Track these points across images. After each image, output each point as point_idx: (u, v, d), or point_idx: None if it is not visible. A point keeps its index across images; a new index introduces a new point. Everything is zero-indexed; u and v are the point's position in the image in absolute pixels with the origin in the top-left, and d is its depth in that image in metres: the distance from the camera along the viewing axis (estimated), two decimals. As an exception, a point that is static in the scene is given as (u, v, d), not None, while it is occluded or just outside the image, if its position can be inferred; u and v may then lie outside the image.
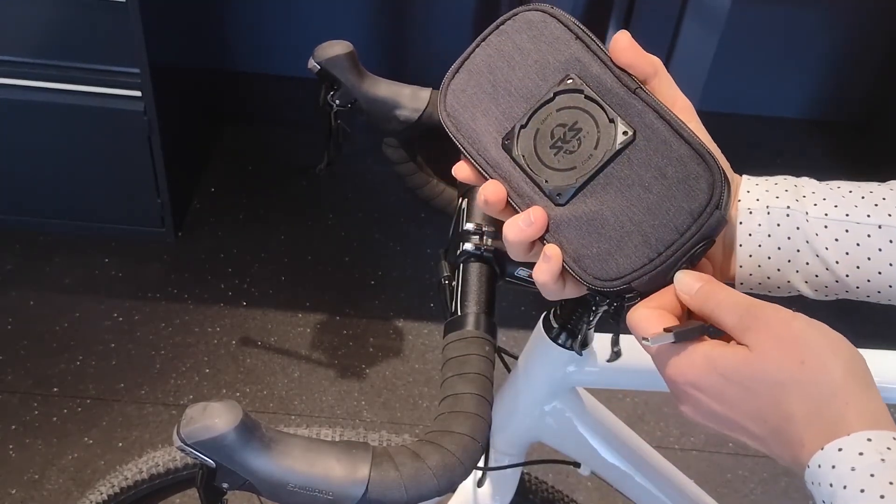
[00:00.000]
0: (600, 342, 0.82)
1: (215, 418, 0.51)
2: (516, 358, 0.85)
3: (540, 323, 0.81)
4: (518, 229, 0.53)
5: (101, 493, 1.02)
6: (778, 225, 0.54)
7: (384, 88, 0.80)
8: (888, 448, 0.42)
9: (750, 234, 0.54)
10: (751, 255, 0.55)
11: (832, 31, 2.47)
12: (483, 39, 0.58)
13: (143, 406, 1.76)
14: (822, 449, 0.43)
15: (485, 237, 0.69)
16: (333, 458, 0.53)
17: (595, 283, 0.53)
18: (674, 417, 1.87)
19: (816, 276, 0.55)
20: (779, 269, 0.55)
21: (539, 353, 0.81)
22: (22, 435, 1.69)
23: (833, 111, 2.64)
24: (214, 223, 2.17)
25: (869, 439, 0.43)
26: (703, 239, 0.51)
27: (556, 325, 0.79)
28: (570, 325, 0.78)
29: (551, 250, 0.53)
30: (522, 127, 0.54)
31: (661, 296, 0.52)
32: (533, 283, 0.71)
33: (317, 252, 2.13)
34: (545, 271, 0.53)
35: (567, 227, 0.53)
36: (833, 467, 0.43)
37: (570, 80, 0.54)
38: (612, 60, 0.53)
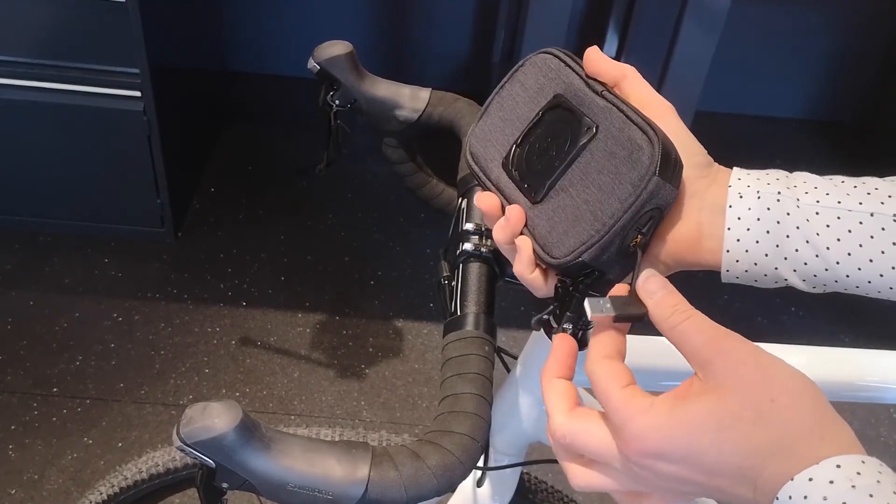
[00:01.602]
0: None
1: (215, 418, 0.51)
2: (516, 358, 0.85)
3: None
4: (500, 227, 0.58)
5: (101, 493, 1.02)
6: (768, 209, 0.54)
7: (384, 88, 0.80)
8: (858, 473, 0.41)
9: (739, 218, 0.54)
10: (738, 240, 0.54)
11: (832, 31, 2.47)
12: (500, 88, 0.63)
13: (143, 406, 1.76)
14: (791, 480, 0.42)
15: (484, 237, 0.69)
16: (333, 458, 0.53)
17: (552, 262, 0.56)
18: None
19: (806, 263, 0.54)
20: (766, 255, 0.54)
21: (539, 353, 0.81)
22: (22, 435, 1.69)
23: (832, 111, 2.64)
24: (214, 223, 2.17)
25: (838, 465, 0.41)
26: (646, 206, 0.52)
27: (555, 325, 0.79)
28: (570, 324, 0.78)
29: (521, 241, 0.57)
30: (517, 146, 0.60)
31: (614, 340, 0.51)
32: (532, 284, 0.71)
33: (317, 252, 2.13)
34: (518, 261, 0.57)
35: (539, 220, 0.57)
36: (805, 497, 0.42)
37: (555, 98, 0.59)
38: (586, 74, 0.58)
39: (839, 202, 0.53)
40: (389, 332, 1.97)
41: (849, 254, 0.52)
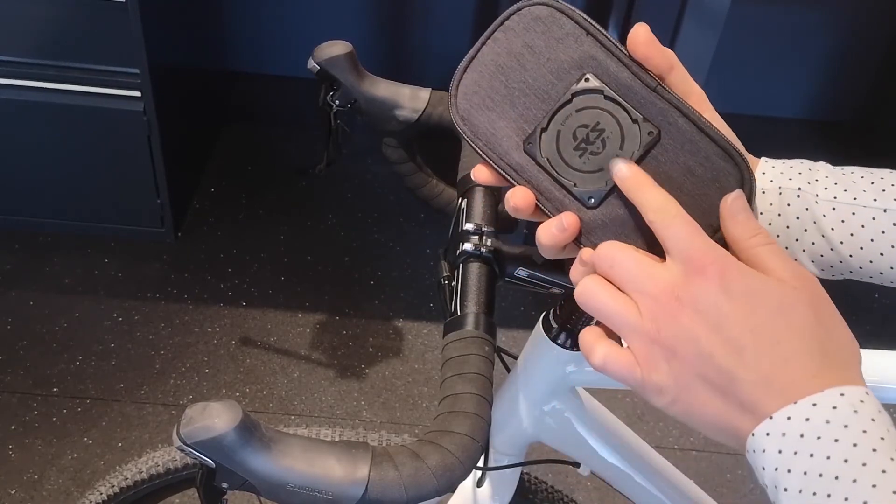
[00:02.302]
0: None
1: (215, 418, 0.51)
2: (516, 358, 0.85)
3: (539, 323, 0.81)
4: (551, 235, 0.53)
5: (101, 494, 1.02)
6: (788, 205, 0.56)
7: (384, 88, 0.80)
8: (861, 401, 0.42)
9: (761, 213, 0.57)
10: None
11: (832, 31, 2.47)
12: (489, 37, 0.56)
13: (143, 406, 1.76)
14: (794, 403, 0.42)
15: (484, 237, 0.69)
16: (333, 458, 0.53)
17: None
18: (673, 417, 1.87)
19: (822, 255, 0.56)
20: (787, 248, 0.57)
21: (539, 353, 0.81)
22: (22, 435, 1.69)
23: (832, 111, 2.64)
24: (214, 223, 2.17)
25: (842, 394, 0.42)
26: None
27: (555, 325, 0.79)
28: (570, 325, 0.78)
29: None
30: (543, 130, 0.53)
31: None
32: (532, 284, 0.71)
33: (317, 252, 2.13)
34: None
35: (600, 229, 0.52)
36: (807, 419, 0.42)
37: (588, 80, 0.52)
38: (627, 55, 0.52)
39: (855, 198, 0.55)
40: (389, 332, 1.97)
41: (861, 248, 0.55)
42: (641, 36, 0.52)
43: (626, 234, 0.51)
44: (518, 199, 0.53)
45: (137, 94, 1.82)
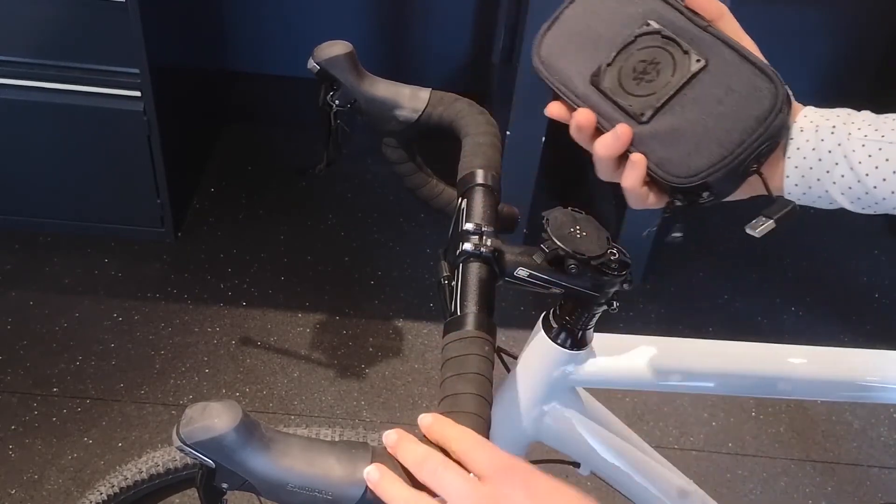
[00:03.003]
0: (600, 342, 0.82)
1: (215, 419, 0.51)
2: (516, 358, 0.85)
3: (539, 323, 0.81)
4: (607, 144, 0.63)
5: (101, 494, 1.02)
6: (822, 140, 0.62)
7: (383, 88, 0.80)
8: None
9: (798, 148, 0.63)
10: (796, 167, 0.63)
11: (832, 31, 2.47)
12: (571, 1, 0.67)
13: (143, 406, 1.76)
14: None
15: (484, 237, 0.69)
16: (333, 458, 0.53)
17: (676, 181, 0.61)
18: (673, 417, 1.87)
19: (850, 187, 0.61)
20: (818, 179, 0.62)
21: (538, 353, 0.81)
22: (22, 435, 1.69)
23: (833, 111, 2.64)
24: (214, 223, 2.17)
25: None
26: (769, 139, 0.60)
27: (555, 325, 0.79)
28: (570, 324, 0.78)
29: (636, 157, 0.62)
30: (608, 65, 0.64)
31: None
32: (532, 284, 0.71)
33: (317, 252, 2.13)
34: (631, 177, 0.63)
35: (650, 139, 0.62)
36: None
37: (649, 24, 0.63)
38: (684, 5, 0.63)
39: (883, 136, 0.61)
40: (389, 332, 1.97)
41: (884, 179, 0.60)
42: None
43: (671, 142, 0.61)
44: (581, 118, 0.64)
45: (137, 94, 1.82)
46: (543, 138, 1.86)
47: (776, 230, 0.66)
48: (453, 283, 0.68)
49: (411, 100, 0.80)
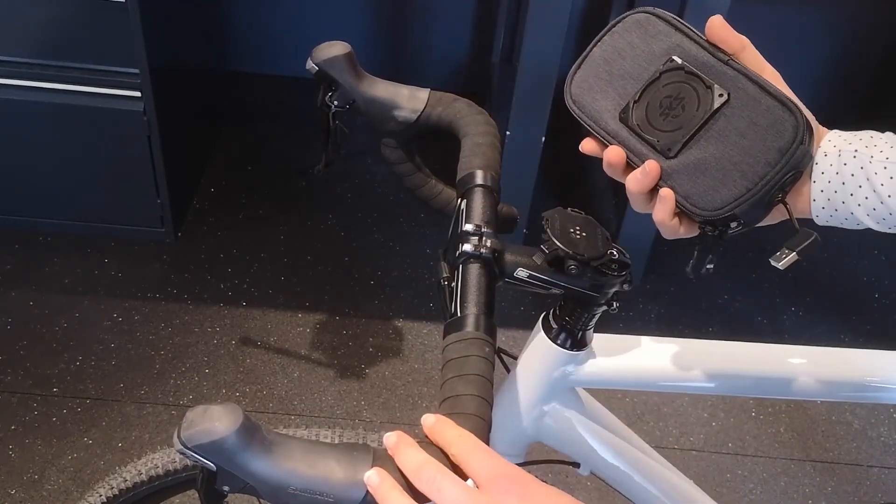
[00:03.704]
0: (600, 342, 0.82)
1: (216, 422, 0.51)
2: (515, 358, 0.85)
3: (539, 323, 0.81)
4: (637, 180, 0.66)
5: (100, 496, 1.01)
6: (845, 164, 0.64)
7: (382, 89, 0.80)
8: None
9: (822, 173, 0.64)
10: (822, 190, 0.65)
11: (832, 32, 2.47)
12: (598, 40, 0.69)
13: (143, 406, 1.76)
14: None
15: (484, 238, 0.69)
16: (334, 461, 0.53)
17: (704, 214, 0.64)
18: (673, 417, 1.87)
19: (874, 209, 0.64)
20: (843, 202, 0.64)
21: (538, 353, 0.81)
22: (22, 435, 1.69)
23: (832, 111, 2.64)
24: (214, 223, 2.17)
25: None
26: (791, 170, 0.61)
27: (555, 326, 0.79)
28: (570, 325, 0.78)
29: (665, 192, 0.65)
30: (636, 102, 0.66)
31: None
32: (532, 284, 0.71)
33: (317, 252, 2.13)
34: (661, 211, 0.65)
35: (677, 174, 0.65)
36: None
37: (673, 60, 0.65)
38: (706, 40, 0.65)
39: None
40: (389, 332, 1.97)
41: None
42: (716, 23, 0.65)
43: (698, 176, 0.64)
44: (611, 156, 0.67)
45: (137, 94, 1.82)
46: (543, 138, 1.86)
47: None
48: (453, 283, 0.68)
49: (410, 100, 0.80)
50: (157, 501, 1.04)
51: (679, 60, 0.65)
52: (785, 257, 0.63)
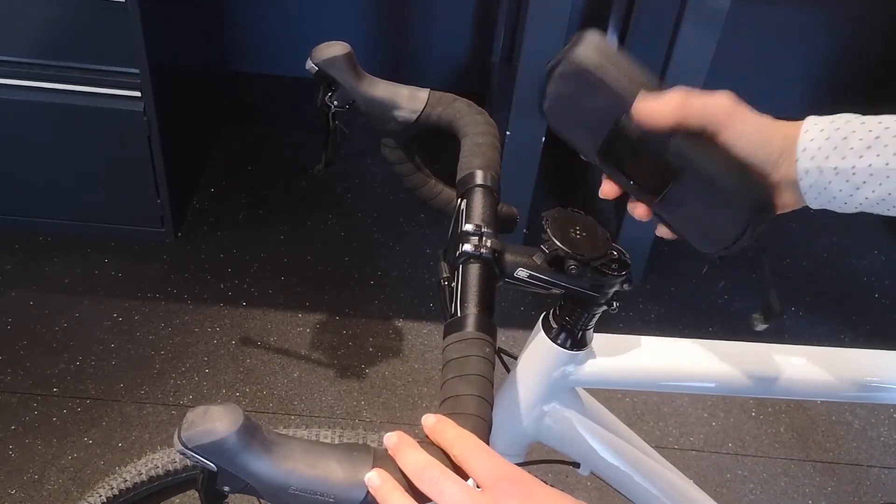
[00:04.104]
0: (600, 342, 0.82)
1: (216, 422, 0.51)
2: (515, 358, 0.85)
3: (539, 323, 0.81)
4: (633, 212, 0.69)
5: (100, 496, 1.01)
6: (823, 173, 0.65)
7: (382, 89, 0.80)
8: None
9: (806, 171, 0.65)
10: (810, 185, 0.66)
11: (832, 31, 2.47)
12: (547, 80, 0.69)
13: (143, 406, 1.76)
14: None
15: (484, 238, 0.69)
16: (334, 461, 0.53)
17: (703, 251, 0.67)
18: (673, 417, 1.87)
19: (866, 197, 0.64)
20: (835, 197, 0.65)
21: (538, 353, 0.81)
22: (22, 435, 1.69)
23: (832, 111, 2.63)
24: (214, 223, 2.17)
25: None
26: (756, 228, 0.64)
27: (555, 326, 0.79)
28: (570, 325, 0.78)
29: (661, 229, 0.70)
30: (608, 143, 0.66)
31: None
32: (532, 284, 0.71)
33: (317, 252, 2.13)
34: (661, 231, 0.70)
35: (668, 213, 0.67)
36: None
37: (622, 119, 0.64)
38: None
39: (886, 164, 0.65)
40: (389, 332, 1.97)
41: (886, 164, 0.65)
42: (642, 111, 0.64)
43: (685, 221, 0.66)
44: (606, 191, 0.69)
45: (137, 94, 1.82)
46: (543, 138, 1.86)
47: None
48: (453, 284, 0.68)
49: (410, 100, 0.80)
50: (158, 502, 1.04)
51: (629, 124, 0.64)
52: (757, 326, 0.70)
